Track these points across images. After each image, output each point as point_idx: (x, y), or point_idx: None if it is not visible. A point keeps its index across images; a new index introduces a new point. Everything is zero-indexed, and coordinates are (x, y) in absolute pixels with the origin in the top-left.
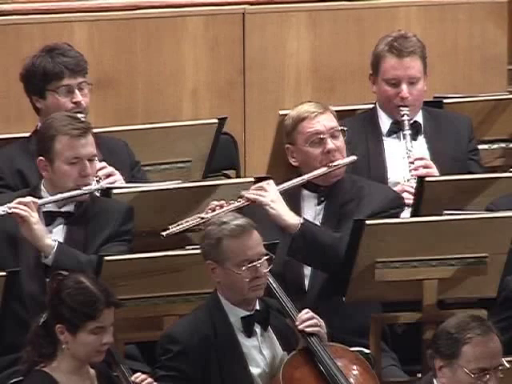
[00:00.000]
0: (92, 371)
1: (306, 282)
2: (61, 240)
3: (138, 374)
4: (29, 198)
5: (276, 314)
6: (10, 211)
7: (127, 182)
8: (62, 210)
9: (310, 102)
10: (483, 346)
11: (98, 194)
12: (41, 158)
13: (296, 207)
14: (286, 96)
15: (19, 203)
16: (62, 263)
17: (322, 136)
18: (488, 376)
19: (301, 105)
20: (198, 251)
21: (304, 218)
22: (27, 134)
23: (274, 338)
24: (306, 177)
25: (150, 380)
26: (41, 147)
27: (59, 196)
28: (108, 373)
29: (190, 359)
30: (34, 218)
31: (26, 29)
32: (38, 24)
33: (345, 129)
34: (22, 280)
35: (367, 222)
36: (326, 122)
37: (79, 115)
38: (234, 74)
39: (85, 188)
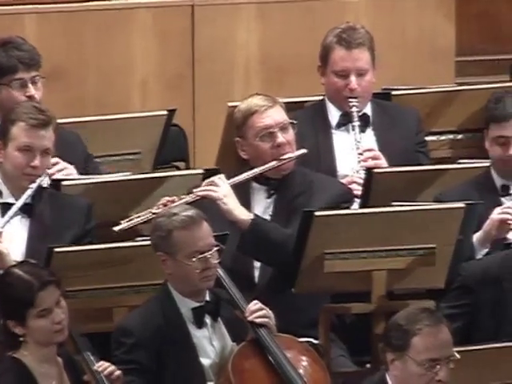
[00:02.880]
0: (59, 359)
1: (256, 274)
2: (21, 234)
3: (102, 362)
4: None
5: (226, 305)
6: None
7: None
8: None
9: (259, 94)
10: (433, 337)
11: (46, 185)
12: None
13: (246, 200)
14: (236, 88)
15: None
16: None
17: (271, 130)
18: (438, 367)
19: (250, 98)
20: (148, 243)
21: (255, 214)
22: None
23: (224, 328)
24: (256, 170)
25: (112, 368)
26: (0, 130)
27: (15, 207)
28: (73, 361)
29: (144, 351)
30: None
31: None
32: None
33: (294, 122)
34: None
35: (316, 213)
36: (275, 115)
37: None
38: (184, 66)
39: (37, 181)
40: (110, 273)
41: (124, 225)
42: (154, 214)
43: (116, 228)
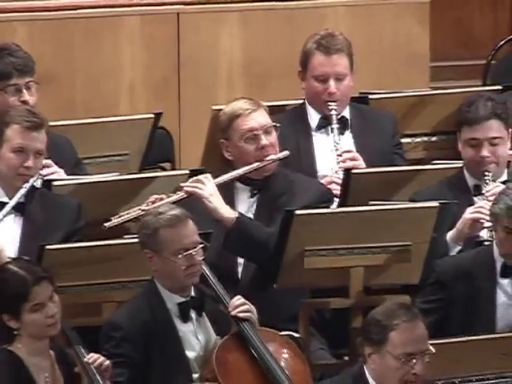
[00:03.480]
0: (52, 352)
1: (240, 271)
2: (14, 231)
3: (92, 354)
4: None
5: (210, 300)
6: None
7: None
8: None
9: (243, 98)
10: (409, 332)
11: (38, 186)
12: None
13: (230, 199)
14: (219, 92)
15: None
16: None
17: (256, 132)
18: (414, 361)
19: (235, 101)
20: (135, 240)
21: (239, 213)
22: None
23: (208, 323)
24: (241, 171)
25: (101, 359)
26: None
27: (8, 205)
28: (65, 354)
29: (132, 344)
30: None
31: None
32: None
33: (277, 125)
34: None
35: (296, 212)
36: (259, 118)
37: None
38: (169, 71)
39: (26, 184)
40: (99, 269)
41: (114, 221)
42: (143, 210)
43: (106, 224)
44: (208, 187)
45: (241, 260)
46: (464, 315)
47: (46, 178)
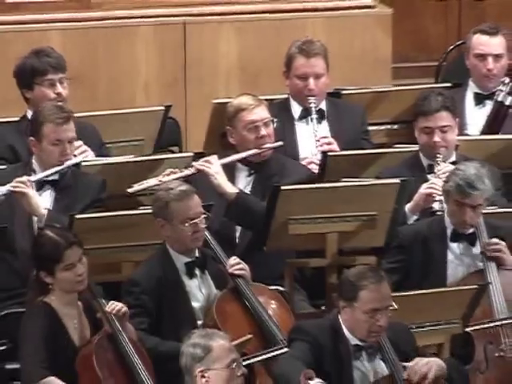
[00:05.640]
0: (80, 303)
1: (237, 236)
2: (49, 203)
3: (111, 302)
4: (25, 178)
5: (211, 260)
6: (12, 189)
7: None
8: (50, 178)
9: (248, 94)
10: (376, 292)
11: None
12: (31, 138)
13: (231, 177)
14: (219, 88)
15: (18, 182)
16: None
17: (256, 124)
18: (379, 315)
19: (241, 96)
20: (149, 211)
21: (239, 189)
22: (14, 119)
23: (210, 279)
24: (242, 155)
25: (119, 306)
26: (32, 129)
27: (46, 173)
28: (90, 305)
29: (149, 297)
30: (31, 192)
31: (11, 36)
32: (22, 32)
33: (274, 119)
34: (16, 237)
35: (282, 187)
36: (261, 113)
37: (60, 103)
38: (177, 71)
39: (66, 163)
40: (119, 235)
41: (135, 188)
42: (159, 181)
43: (129, 190)
44: (214, 166)
45: (238, 228)
46: (421, 273)
47: (78, 157)
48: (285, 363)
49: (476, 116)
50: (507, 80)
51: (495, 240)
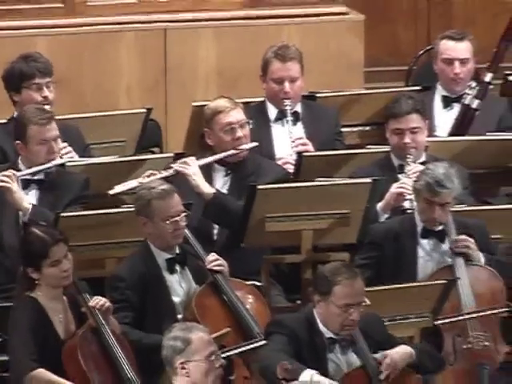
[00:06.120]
0: (65, 298)
1: (215, 233)
2: (35, 201)
3: (95, 297)
4: (10, 172)
5: (191, 257)
6: None
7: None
8: (35, 178)
9: (225, 97)
10: (349, 287)
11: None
12: (17, 141)
13: (209, 177)
14: (198, 91)
15: (3, 176)
16: (34, 220)
17: (233, 126)
18: (352, 310)
19: (218, 99)
20: (131, 209)
21: (216, 189)
22: (2, 121)
23: (190, 274)
24: (220, 156)
25: (103, 301)
26: (17, 133)
27: (33, 170)
28: (75, 299)
29: (132, 292)
30: (15, 187)
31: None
32: (10, 38)
33: (250, 121)
34: (4, 234)
35: (259, 186)
36: (237, 115)
37: (46, 107)
38: (158, 75)
39: (52, 162)
40: (103, 232)
41: (117, 189)
42: (140, 182)
43: (111, 192)
44: (192, 167)
45: (216, 226)
46: (392, 268)
47: (64, 157)
48: (268, 356)
49: (444, 118)
50: (474, 84)
51: (463, 236)
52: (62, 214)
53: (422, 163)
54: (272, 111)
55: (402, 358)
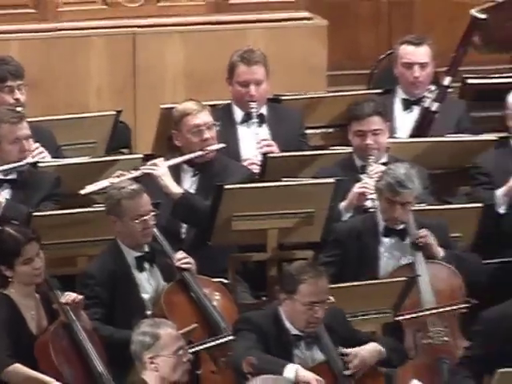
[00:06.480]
0: (37, 295)
1: (183, 232)
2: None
3: (67, 293)
4: None
5: (160, 255)
6: None
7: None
8: (8, 177)
9: (193, 100)
10: (314, 286)
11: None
12: None
13: (177, 178)
14: (166, 94)
15: None
16: (8, 216)
17: (200, 128)
18: (317, 307)
19: (186, 101)
20: (101, 209)
21: (184, 189)
22: None
23: (158, 272)
24: (187, 157)
25: (73, 297)
26: None
27: (5, 167)
28: (47, 296)
29: (102, 288)
30: None
31: None
32: None
33: (217, 123)
34: None
35: (225, 186)
36: (204, 117)
37: (19, 108)
38: (128, 78)
39: (24, 161)
40: (74, 231)
41: (87, 189)
42: (110, 183)
43: (82, 191)
44: (161, 168)
45: (184, 224)
46: (355, 266)
47: (35, 158)
48: (240, 354)
49: (404, 120)
50: (433, 87)
51: (424, 230)
52: (35, 214)
53: (383, 164)
54: (238, 113)
55: (372, 355)
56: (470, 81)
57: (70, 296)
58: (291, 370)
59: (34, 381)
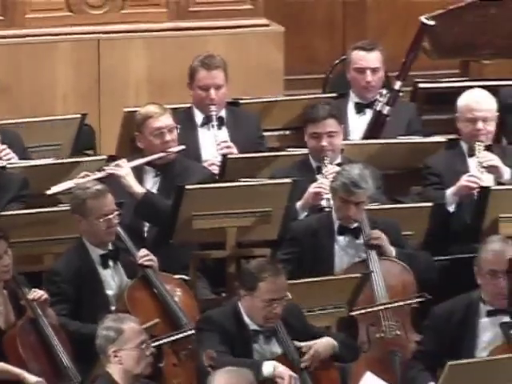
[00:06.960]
0: (5, 291)
1: (145, 230)
2: None
3: (33, 290)
4: None
5: (123, 252)
6: None
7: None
8: None
9: (155, 103)
10: (273, 284)
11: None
12: None
13: (139, 178)
14: (129, 98)
15: None
16: None
17: (162, 131)
18: (276, 304)
19: (148, 105)
20: (67, 208)
21: (147, 189)
22: None
23: (122, 269)
24: (150, 158)
25: (40, 294)
26: None
27: None
28: (15, 293)
29: (68, 285)
30: None
31: None
32: None
33: (178, 126)
34: None
35: (186, 186)
36: (165, 120)
37: None
38: (92, 83)
39: None
40: (41, 229)
41: (53, 189)
42: (76, 183)
43: (48, 192)
44: (124, 169)
45: (146, 223)
46: (311, 262)
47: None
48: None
49: (357, 123)
50: (385, 91)
51: (376, 231)
52: (2, 213)
53: (338, 165)
54: (198, 116)
55: (326, 349)
56: (421, 85)
57: (36, 293)
58: (269, 366)
59: (6, 373)
